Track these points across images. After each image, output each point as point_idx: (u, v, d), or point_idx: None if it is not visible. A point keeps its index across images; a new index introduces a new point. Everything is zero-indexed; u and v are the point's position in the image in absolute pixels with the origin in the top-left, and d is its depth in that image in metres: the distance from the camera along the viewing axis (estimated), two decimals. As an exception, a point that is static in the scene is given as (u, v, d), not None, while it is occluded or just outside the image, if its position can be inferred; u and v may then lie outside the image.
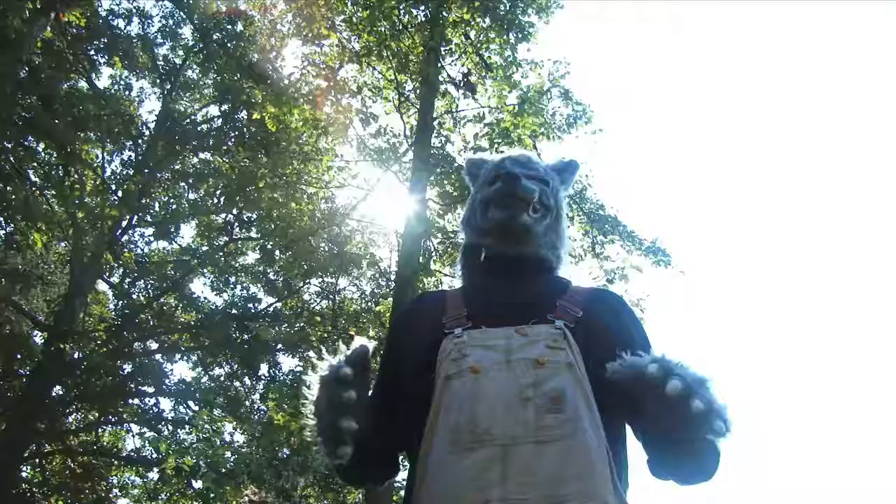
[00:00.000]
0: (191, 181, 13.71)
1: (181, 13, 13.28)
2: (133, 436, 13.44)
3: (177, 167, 13.92)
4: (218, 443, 10.59)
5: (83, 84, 12.56)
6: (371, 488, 7.77)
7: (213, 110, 14.48)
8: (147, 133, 13.96)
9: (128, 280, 14.20)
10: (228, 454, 9.89)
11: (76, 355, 11.96)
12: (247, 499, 8.80)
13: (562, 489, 1.17)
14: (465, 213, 1.72)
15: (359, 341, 1.38)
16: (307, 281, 13.26)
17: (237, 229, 13.87)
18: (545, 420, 1.23)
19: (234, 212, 13.44)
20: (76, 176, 11.76)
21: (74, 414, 13.64)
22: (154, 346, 13.62)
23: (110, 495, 13.27)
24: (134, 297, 13.77)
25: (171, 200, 14.16)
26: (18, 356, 12.40)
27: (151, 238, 14.27)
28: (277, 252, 12.94)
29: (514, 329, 1.36)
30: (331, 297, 12.87)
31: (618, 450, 1.34)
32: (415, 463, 1.34)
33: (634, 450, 1.46)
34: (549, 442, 1.21)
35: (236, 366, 13.06)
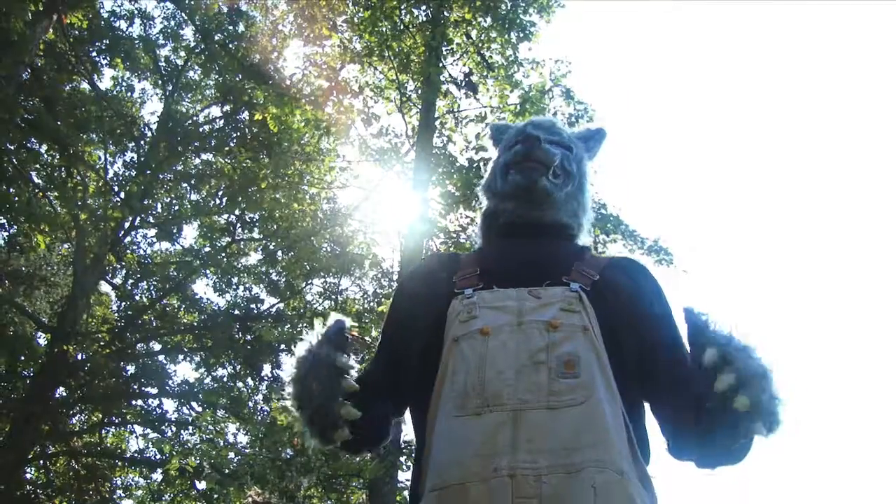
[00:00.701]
0: (193, 182, 13.72)
1: (183, 14, 13.29)
2: (136, 437, 13.47)
3: (179, 168, 13.93)
4: (221, 444, 10.58)
5: (85, 86, 12.59)
6: (375, 488, 7.78)
7: (215, 111, 14.50)
8: (149, 134, 13.97)
9: (130, 281, 14.21)
10: (232, 455, 9.89)
11: (79, 357, 11.97)
12: (250, 499, 8.79)
13: (575, 457, 1.11)
14: (486, 178, 1.67)
15: (334, 317, 1.35)
16: (309, 281, 13.26)
17: (239, 230, 13.87)
18: (558, 385, 1.17)
19: (237, 212, 13.45)
20: (79, 177, 11.77)
21: (78, 415, 13.66)
22: (157, 347, 13.63)
23: (114, 496, 13.30)
24: (137, 298, 13.78)
25: (174, 201, 14.17)
26: (22, 358, 12.41)
27: (154, 239, 14.29)
28: (280, 253, 12.94)
29: (527, 290, 1.31)
30: (333, 297, 12.87)
31: (636, 418, 1.29)
32: (423, 428, 1.29)
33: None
34: (561, 408, 1.16)
35: (239, 366, 13.07)
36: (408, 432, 8.18)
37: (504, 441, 1.13)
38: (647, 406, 1.38)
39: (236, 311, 13.30)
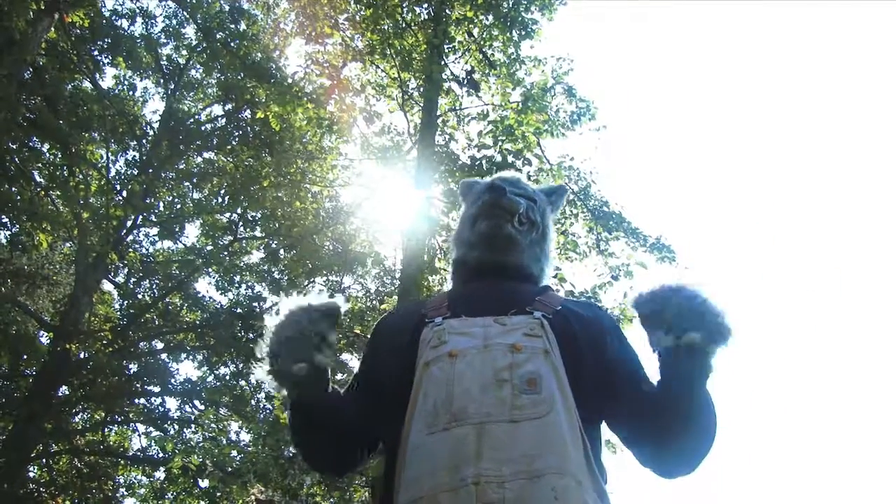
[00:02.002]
0: (195, 181, 13.73)
1: (184, 13, 13.30)
2: (139, 435, 13.50)
3: (181, 167, 13.94)
4: (224, 442, 10.61)
5: (87, 84, 12.59)
6: (377, 486, 7.77)
7: (217, 109, 14.51)
8: (151, 133, 13.99)
9: (133, 280, 14.22)
10: (234, 453, 9.91)
11: (82, 355, 11.99)
12: (253, 498, 8.81)
13: (536, 464, 1.18)
14: (456, 229, 1.79)
15: (333, 300, 1.50)
16: (312, 280, 13.26)
17: (241, 228, 13.89)
18: (520, 400, 1.25)
19: (239, 211, 13.46)
20: (81, 176, 11.78)
21: (81, 414, 13.68)
22: (159, 345, 13.65)
23: (117, 495, 13.31)
24: (139, 296, 13.80)
25: (176, 200, 14.18)
26: (25, 356, 12.44)
27: (156, 238, 14.31)
28: (282, 251, 12.95)
29: (492, 318, 1.40)
30: (335, 295, 12.86)
31: (593, 436, 1.36)
32: (395, 449, 1.35)
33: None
34: (523, 420, 1.23)
35: (241, 365, 13.08)
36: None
37: (469, 452, 1.20)
38: (604, 427, 1.49)
39: (238, 310, 13.31)
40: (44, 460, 12.32)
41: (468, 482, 1.17)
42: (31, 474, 12.53)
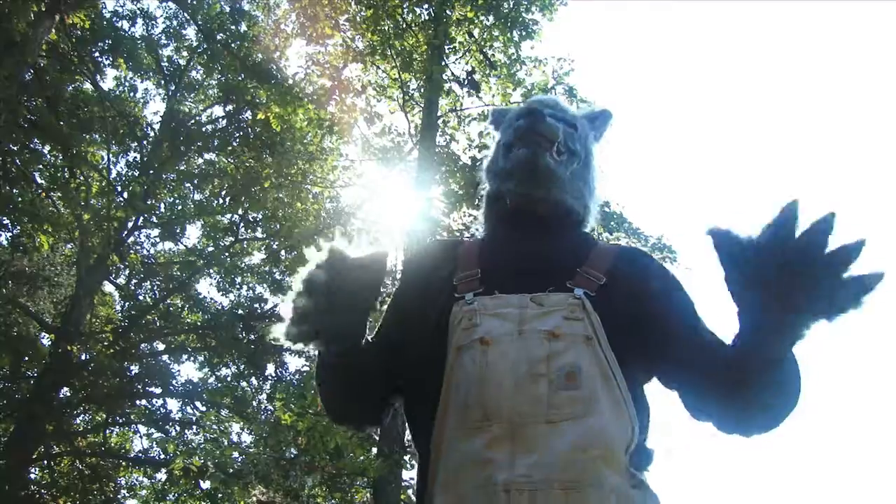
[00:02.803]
0: (196, 182, 13.73)
1: (185, 14, 13.30)
2: (140, 437, 13.49)
3: (182, 168, 13.94)
4: (225, 443, 10.58)
5: (88, 86, 12.60)
6: (379, 487, 7.77)
7: (218, 111, 14.51)
8: (152, 134, 13.99)
9: (134, 281, 14.22)
10: (236, 454, 9.88)
11: (83, 357, 11.98)
12: (255, 499, 8.79)
13: (571, 473, 1.10)
14: (488, 159, 1.61)
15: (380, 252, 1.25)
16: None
17: (243, 229, 13.88)
18: (558, 398, 1.15)
19: (240, 212, 13.46)
20: (82, 177, 11.78)
21: (82, 415, 13.67)
22: (161, 346, 13.64)
23: (118, 496, 13.31)
24: (140, 298, 13.79)
25: (177, 201, 14.18)
26: (26, 358, 12.43)
27: (157, 239, 14.31)
28: (283, 252, 12.94)
29: (529, 297, 1.27)
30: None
31: (641, 415, 1.24)
32: (427, 438, 1.26)
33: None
34: (560, 421, 1.14)
35: (243, 366, 13.08)
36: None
37: (502, 455, 1.12)
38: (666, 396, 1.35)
39: (240, 311, 13.31)
40: (45, 462, 12.31)
41: (499, 488, 1.10)
42: (33, 476, 12.53)
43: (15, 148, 10.40)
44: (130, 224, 13.22)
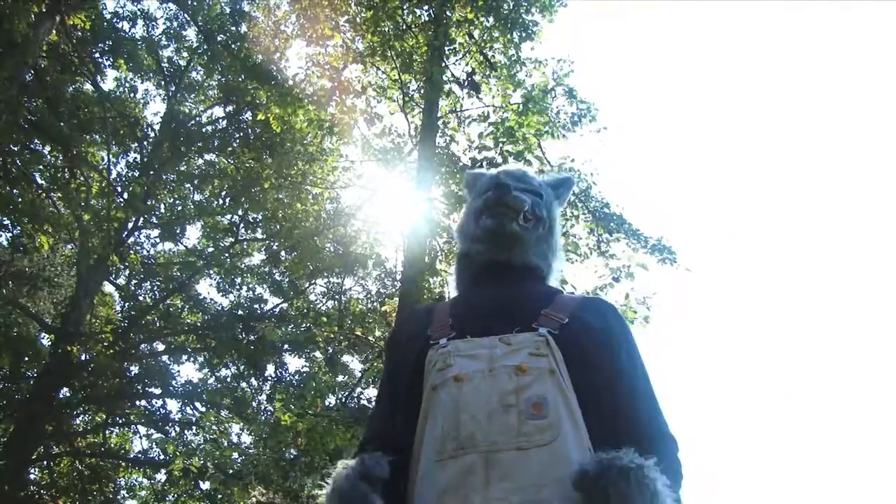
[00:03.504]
0: (196, 182, 13.75)
1: (185, 15, 13.32)
2: (140, 437, 13.50)
3: (182, 169, 13.96)
4: (225, 444, 10.61)
5: (88, 87, 12.62)
6: None
7: (218, 111, 14.53)
8: (152, 135, 14.01)
9: (134, 282, 14.24)
10: (235, 455, 9.90)
11: (83, 357, 11.99)
12: (254, 500, 8.80)
13: (544, 493, 1.18)
14: (460, 222, 1.76)
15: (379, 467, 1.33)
16: (313, 281, 13.28)
17: (243, 230, 13.90)
18: (527, 427, 1.24)
19: (240, 213, 13.48)
20: (82, 178, 11.79)
21: (82, 416, 13.68)
22: (160, 347, 13.66)
23: (118, 497, 13.31)
24: (140, 298, 13.81)
25: (177, 202, 14.20)
26: (26, 358, 12.45)
27: (157, 240, 14.33)
28: (283, 253, 12.96)
29: (497, 338, 1.37)
30: (337, 297, 12.87)
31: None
32: (406, 472, 1.34)
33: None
34: (530, 448, 1.22)
35: (243, 367, 13.09)
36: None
37: (477, 480, 1.21)
38: None
39: (240, 312, 13.32)
40: (45, 462, 12.33)
41: None
42: (32, 476, 12.53)
43: (15, 148, 10.42)
44: (130, 224, 13.24)
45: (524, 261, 1.61)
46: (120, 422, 13.42)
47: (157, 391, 13.00)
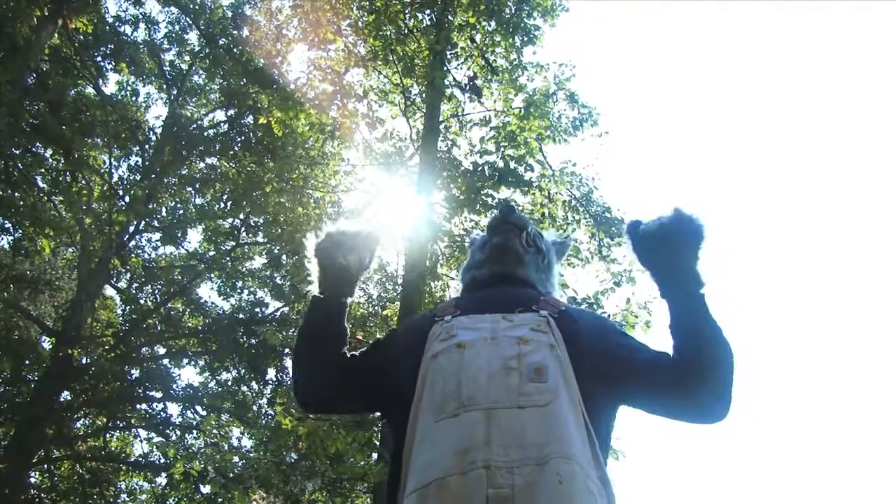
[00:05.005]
0: (197, 186, 13.74)
1: (187, 19, 13.34)
2: (141, 441, 13.47)
3: (183, 172, 13.96)
4: (226, 447, 10.58)
5: (90, 90, 12.63)
6: (379, 492, 7.75)
7: (220, 115, 14.53)
8: (154, 138, 14.01)
9: (135, 285, 14.23)
10: (236, 459, 9.89)
11: (84, 361, 11.98)
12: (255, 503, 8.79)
13: (543, 451, 1.21)
14: (464, 264, 1.86)
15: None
16: (314, 284, 13.23)
17: (244, 234, 13.89)
18: (527, 387, 1.29)
19: (241, 216, 13.46)
20: (83, 182, 11.80)
21: (82, 419, 13.66)
22: (161, 351, 13.64)
23: (118, 501, 13.29)
24: (141, 302, 13.80)
25: (178, 205, 14.19)
26: (27, 362, 12.44)
27: (158, 243, 14.31)
28: (284, 256, 12.94)
29: (501, 315, 1.46)
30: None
31: (598, 427, 1.38)
32: (401, 435, 1.38)
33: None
34: (529, 407, 1.26)
35: (244, 370, 13.07)
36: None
37: (478, 436, 1.23)
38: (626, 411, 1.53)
39: (241, 315, 13.31)
40: (45, 466, 12.30)
41: (478, 465, 1.20)
42: (33, 480, 12.51)
43: (17, 152, 10.43)
44: (132, 228, 13.24)
45: (525, 276, 1.69)
46: (121, 425, 13.39)
47: (158, 395, 12.97)
